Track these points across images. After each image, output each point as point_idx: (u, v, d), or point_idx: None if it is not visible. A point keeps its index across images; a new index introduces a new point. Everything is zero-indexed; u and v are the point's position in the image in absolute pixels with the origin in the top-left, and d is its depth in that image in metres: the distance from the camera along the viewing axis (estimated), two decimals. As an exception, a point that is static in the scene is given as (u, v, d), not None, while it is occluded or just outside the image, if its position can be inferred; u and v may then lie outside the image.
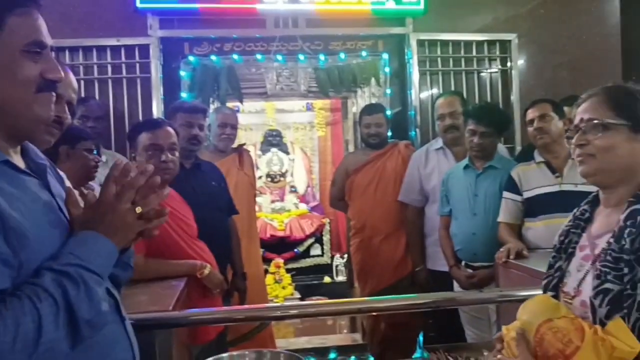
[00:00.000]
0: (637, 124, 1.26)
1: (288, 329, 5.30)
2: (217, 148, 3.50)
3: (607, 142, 1.27)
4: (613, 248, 1.22)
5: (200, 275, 2.41)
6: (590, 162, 1.30)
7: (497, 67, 4.27)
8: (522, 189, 2.88)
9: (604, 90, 1.32)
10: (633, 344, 1.12)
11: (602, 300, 1.19)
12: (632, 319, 1.14)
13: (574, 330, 1.17)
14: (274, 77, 4.08)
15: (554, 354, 1.18)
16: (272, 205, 6.50)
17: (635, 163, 1.28)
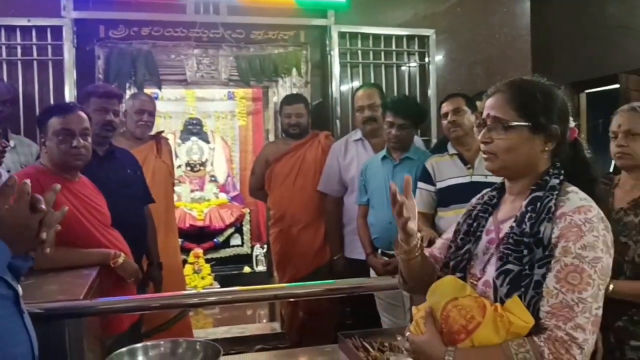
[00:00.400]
0: (536, 125, 1.32)
1: (207, 319, 5.25)
2: (134, 135, 3.41)
3: (509, 143, 1.34)
4: (515, 232, 1.30)
5: (114, 264, 2.35)
6: (493, 160, 1.37)
7: (415, 61, 4.38)
8: (436, 179, 2.98)
9: (510, 87, 1.37)
10: (527, 319, 1.20)
11: (503, 280, 1.27)
12: (528, 297, 1.22)
13: (476, 308, 1.25)
14: (194, 64, 4.00)
15: (457, 329, 1.25)
16: (192, 195, 6.39)
17: (535, 159, 1.35)
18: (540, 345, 1.17)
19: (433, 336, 1.28)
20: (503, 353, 1.19)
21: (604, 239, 1.22)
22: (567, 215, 1.24)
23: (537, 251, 1.24)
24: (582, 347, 1.16)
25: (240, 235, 6.30)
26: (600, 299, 1.20)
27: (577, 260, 1.19)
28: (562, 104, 1.37)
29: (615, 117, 2.08)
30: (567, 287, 1.19)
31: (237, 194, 6.66)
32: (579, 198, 1.28)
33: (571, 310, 1.17)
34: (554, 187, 1.31)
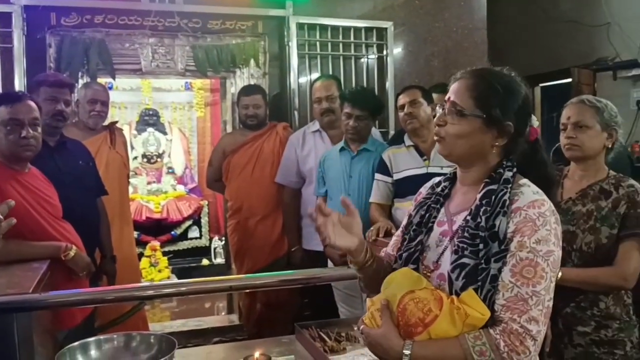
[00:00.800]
0: (490, 118, 1.31)
1: (164, 313, 5.19)
2: (87, 126, 3.33)
3: (459, 129, 1.33)
4: (470, 225, 1.30)
5: (65, 257, 2.30)
6: (443, 144, 1.37)
7: (373, 53, 4.40)
8: (392, 171, 3.01)
9: (474, 75, 1.36)
10: (483, 311, 1.22)
11: (458, 274, 1.27)
12: (485, 291, 1.24)
13: (433, 300, 1.25)
14: (149, 54, 3.91)
15: (414, 322, 1.25)
16: (148, 187, 6.29)
17: (484, 151, 1.35)
18: (496, 338, 1.19)
19: (390, 329, 1.28)
20: (460, 345, 1.21)
21: (555, 232, 1.25)
22: (522, 209, 1.25)
23: (493, 245, 1.25)
24: (535, 338, 1.19)
25: (198, 228, 6.24)
26: (552, 291, 1.24)
27: (531, 254, 1.22)
28: (523, 101, 1.36)
29: (565, 110, 2.13)
30: (522, 281, 1.21)
31: (195, 186, 6.58)
32: (531, 192, 1.29)
33: (525, 303, 1.20)
34: (507, 180, 1.31)
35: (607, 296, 2.00)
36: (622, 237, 1.98)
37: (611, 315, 1.99)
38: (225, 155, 3.76)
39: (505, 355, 1.18)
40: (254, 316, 3.79)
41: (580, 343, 2.00)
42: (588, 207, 2.04)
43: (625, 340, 2.00)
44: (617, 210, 2.00)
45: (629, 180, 2.07)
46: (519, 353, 1.18)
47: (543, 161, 1.41)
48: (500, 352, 1.18)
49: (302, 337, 2.10)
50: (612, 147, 2.11)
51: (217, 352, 2.17)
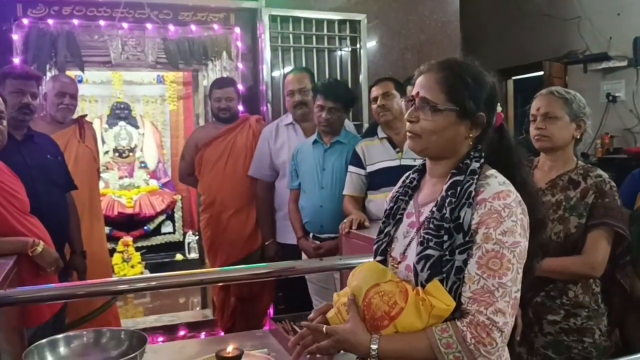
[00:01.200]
0: (463, 110, 1.31)
1: (137, 309, 5.14)
2: (55, 119, 3.27)
3: (434, 125, 1.32)
4: (435, 216, 1.30)
5: (32, 252, 2.25)
6: (416, 141, 1.35)
7: (347, 46, 4.39)
8: (366, 163, 3.01)
9: (442, 68, 1.35)
10: (448, 302, 1.22)
11: (423, 266, 1.27)
12: (450, 282, 1.24)
13: (398, 293, 1.25)
14: (119, 46, 3.85)
15: (380, 315, 1.25)
16: (120, 182, 6.18)
17: (458, 143, 1.34)
18: (463, 330, 1.20)
19: (356, 324, 1.27)
20: (427, 338, 1.21)
21: (522, 223, 1.25)
22: (487, 201, 1.24)
23: (458, 237, 1.25)
24: (502, 330, 1.19)
25: (172, 223, 6.16)
26: (519, 282, 1.24)
27: (497, 246, 1.21)
28: (491, 90, 1.36)
29: (535, 101, 2.15)
30: (488, 273, 1.21)
31: (168, 180, 6.49)
32: (497, 183, 1.28)
33: (492, 295, 1.20)
34: (474, 172, 1.30)
35: (576, 285, 2.03)
36: (590, 227, 2.00)
37: (580, 304, 2.02)
38: (198, 148, 3.72)
39: (472, 347, 1.19)
40: (228, 311, 3.76)
41: (550, 332, 2.03)
42: (557, 197, 2.06)
43: (594, 328, 2.03)
44: (585, 200, 2.03)
45: (597, 170, 2.10)
46: (485, 345, 1.19)
47: (509, 146, 1.40)
48: (467, 344, 1.19)
49: (275, 330, 2.09)
50: (581, 138, 2.13)
51: (190, 347, 2.14)
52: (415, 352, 1.24)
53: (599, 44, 5.75)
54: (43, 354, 1.71)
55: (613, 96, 5.67)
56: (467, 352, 1.19)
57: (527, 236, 1.26)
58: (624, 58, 5.56)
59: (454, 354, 1.20)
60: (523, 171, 1.38)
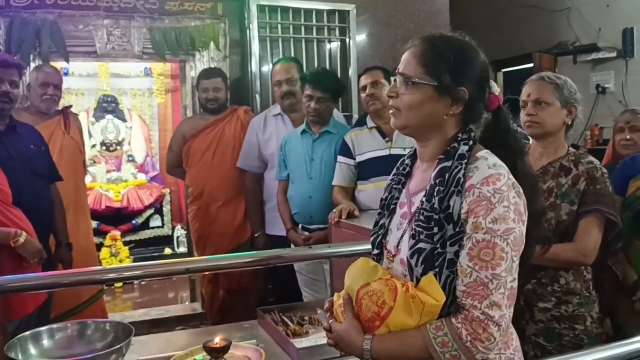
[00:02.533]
0: (441, 86, 1.24)
1: (126, 303, 5.11)
2: (39, 110, 3.22)
3: (412, 100, 1.26)
4: (425, 207, 1.23)
5: (15, 244, 2.22)
6: (397, 116, 1.30)
7: (336, 37, 4.35)
8: (355, 153, 2.98)
9: (424, 42, 1.29)
10: (439, 297, 1.16)
11: (417, 260, 1.21)
12: (444, 277, 1.18)
13: (388, 292, 1.20)
14: (105, 36, 3.78)
15: (371, 317, 1.21)
16: (108, 176, 6.15)
17: (439, 121, 1.27)
18: (458, 327, 1.15)
19: (351, 325, 1.25)
20: (422, 338, 1.17)
21: (516, 207, 1.17)
22: (475, 187, 1.17)
23: (448, 228, 1.18)
24: (499, 324, 1.14)
25: (160, 217, 6.14)
26: (515, 271, 1.18)
27: (488, 235, 1.15)
28: (479, 66, 1.28)
29: (525, 87, 2.12)
30: (481, 265, 1.15)
31: (156, 174, 6.46)
32: (487, 166, 1.20)
33: (486, 288, 1.14)
34: (462, 156, 1.23)
35: (568, 272, 2.01)
36: (581, 214, 1.98)
37: (571, 291, 2.00)
38: (186, 140, 3.68)
39: (469, 344, 1.14)
40: (217, 304, 3.73)
41: (541, 319, 2.01)
42: (549, 184, 2.04)
43: (586, 316, 2.01)
44: (577, 187, 2.01)
45: (588, 157, 2.08)
46: (483, 341, 1.13)
47: (507, 130, 1.32)
48: (464, 341, 1.14)
49: (264, 322, 2.07)
50: (572, 124, 2.11)
51: (178, 339, 2.11)
52: (410, 352, 1.19)
53: (588, 35, 5.75)
54: (26, 347, 1.68)
55: (603, 87, 5.69)
56: (464, 350, 1.14)
57: (524, 220, 1.20)
58: (613, 49, 5.57)
59: (450, 352, 1.15)
60: (522, 159, 1.30)
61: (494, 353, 1.20)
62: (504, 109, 1.32)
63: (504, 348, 1.26)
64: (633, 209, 2.19)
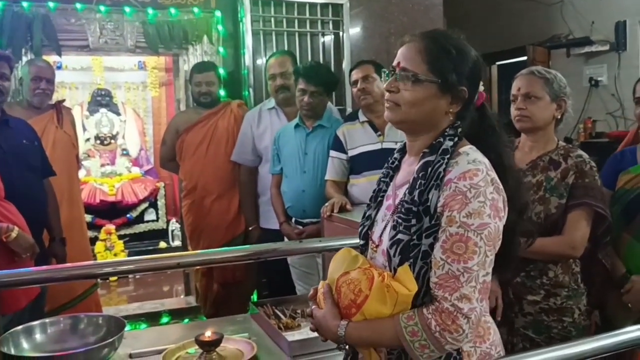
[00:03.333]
0: (445, 83, 1.26)
1: (121, 297, 5.11)
2: (32, 104, 3.22)
3: (415, 96, 1.27)
4: (406, 199, 1.26)
5: (7, 238, 2.21)
6: (395, 111, 1.30)
7: (329, 30, 4.34)
8: (347, 147, 2.99)
9: (425, 37, 1.30)
10: (411, 286, 1.20)
11: (395, 250, 1.24)
12: (417, 268, 1.21)
13: (365, 280, 1.23)
14: (97, 30, 3.77)
15: (348, 304, 1.25)
16: (102, 169, 6.14)
17: (437, 118, 1.29)
18: (428, 318, 1.17)
19: (330, 311, 1.28)
20: (393, 327, 1.20)
21: (493, 203, 1.19)
22: (452, 182, 1.19)
23: (425, 220, 1.21)
24: (468, 316, 1.16)
25: (155, 210, 6.13)
26: (489, 265, 1.20)
27: (461, 229, 1.17)
28: (474, 65, 1.31)
29: (515, 81, 2.13)
30: (453, 258, 1.17)
31: (150, 167, 6.45)
32: (467, 161, 1.22)
33: (457, 280, 1.16)
34: (446, 151, 1.25)
35: (556, 265, 2.03)
36: (570, 207, 2.00)
37: (560, 284, 2.02)
38: (179, 134, 3.67)
39: (437, 334, 1.16)
40: (211, 297, 3.74)
41: (530, 312, 2.03)
42: (538, 177, 2.06)
43: (574, 308, 2.03)
44: (565, 180, 2.02)
45: (577, 150, 2.09)
46: (451, 332, 1.16)
47: (492, 126, 1.34)
48: (432, 331, 1.16)
49: (256, 315, 2.08)
50: (562, 118, 2.12)
51: (170, 332, 2.12)
52: (382, 340, 1.24)
53: (581, 28, 5.76)
54: (18, 341, 1.69)
55: (595, 80, 5.70)
56: (432, 339, 1.17)
57: (501, 216, 1.21)
58: (606, 42, 5.58)
59: (419, 341, 1.17)
60: (506, 154, 1.32)
61: (469, 346, 1.24)
62: (487, 106, 1.36)
63: (479, 342, 1.28)
64: (622, 202, 2.20)
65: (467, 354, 1.26)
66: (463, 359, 1.25)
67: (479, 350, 1.28)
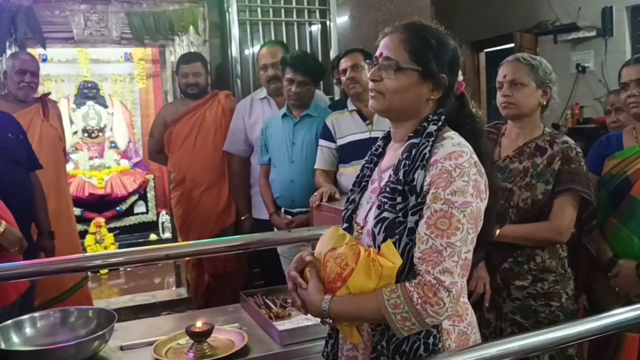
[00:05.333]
0: (427, 71, 1.31)
1: (112, 290, 5.11)
2: (17, 98, 3.20)
3: (398, 84, 1.32)
4: (392, 180, 1.31)
5: (-6, 233, 2.20)
6: (379, 100, 1.35)
7: (316, 19, 4.33)
8: (336, 136, 2.99)
9: (406, 29, 1.35)
10: (395, 260, 1.24)
11: (380, 228, 1.28)
12: (403, 244, 1.25)
13: (351, 255, 1.27)
14: (82, 21, 3.74)
15: (334, 277, 1.28)
16: (90, 162, 6.11)
17: (419, 105, 1.35)
18: (411, 290, 1.21)
19: (314, 286, 1.31)
20: (376, 299, 1.23)
21: (475, 184, 1.24)
22: (438, 162, 1.25)
23: (411, 199, 1.26)
24: (449, 289, 1.20)
25: (144, 203, 6.12)
26: (471, 243, 1.25)
27: (446, 206, 1.22)
28: (453, 54, 1.36)
29: (501, 68, 2.14)
30: (437, 233, 1.22)
31: (139, 160, 6.43)
32: (452, 144, 1.28)
33: (440, 255, 1.21)
34: (430, 134, 1.30)
35: (543, 250, 2.04)
36: (556, 193, 2.02)
37: (547, 269, 2.04)
38: (167, 125, 3.66)
39: (419, 307, 1.20)
40: (202, 288, 3.75)
41: (517, 297, 2.05)
42: (524, 164, 2.07)
43: (561, 292, 2.05)
44: (551, 166, 2.03)
45: (563, 136, 2.11)
46: (432, 305, 1.20)
47: (470, 114, 1.41)
48: (414, 303, 1.20)
49: (247, 305, 2.09)
50: (548, 105, 2.13)
51: (161, 323, 2.12)
52: (365, 313, 1.26)
53: (568, 14, 5.77)
54: (8, 335, 1.69)
55: (582, 66, 5.72)
56: (414, 312, 1.20)
57: (482, 197, 1.27)
58: (592, 28, 5.59)
59: (401, 314, 1.21)
60: (483, 141, 1.39)
61: (448, 324, 1.29)
62: (465, 95, 1.42)
63: (458, 320, 1.33)
64: (608, 187, 2.22)
65: (446, 332, 1.30)
66: (442, 336, 1.29)
67: (457, 329, 1.33)
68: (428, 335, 1.27)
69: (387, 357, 1.28)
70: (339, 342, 1.43)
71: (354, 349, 1.38)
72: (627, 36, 5.47)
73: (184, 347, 1.72)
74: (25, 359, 1.58)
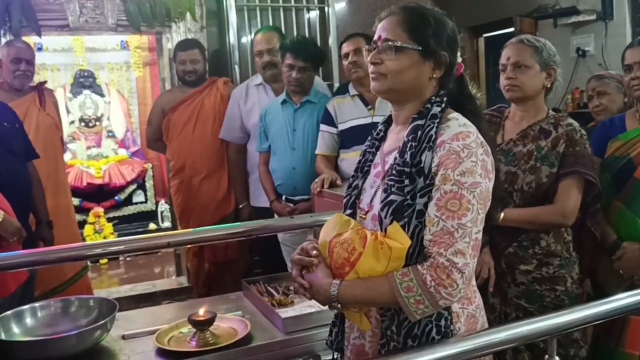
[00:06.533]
0: (427, 50, 1.31)
1: (112, 279, 5.10)
2: (12, 87, 3.18)
3: (399, 64, 1.31)
4: (398, 162, 1.29)
5: (-8, 223, 2.18)
6: (381, 81, 1.34)
7: (314, 5, 4.28)
8: (337, 121, 2.96)
9: (403, 10, 1.35)
10: (404, 241, 1.22)
11: (387, 212, 1.27)
12: (412, 227, 1.24)
13: (358, 239, 1.25)
14: (77, 9, 3.69)
15: (341, 263, 1.26)
16: (88, 152, 6.08)
17: (422, 84, 1.34)
18: (423, 273, 1.20)
19: (321, 271, 1.29)
20: (388, 283, 1.21)
21: (483, 164, 1.24)
22: (446, 143, 1.24)
23: (419, 181, 1.25)
24: (462, 271, 1.20)
25: (143, 192, 6.10)
26: (480, 223, 1.24)
27: (455, 186, 1.21)
28: (452, 31, 1.36)
29: (504, 50, 2.11)
30: (447, 214, 1.21)
31: (137, 149, 6.41)
32: (458, 125, 1.27)
33: (451, 236, 1.20)
34: (435, 115, 1.30)
35: (548, 234, 2.02)
36: (561, 176, 1.99)
37: (552, 253, 2.02)
38: (165, 113, 3.63)
39: (432, 289, 1.19)
40: (203, 276, 3.73)
41: (522, 281, 2.03)
42: (528, 147, 2.04)
43: (566, 277, 2.03)
44: (556, 149, 2.01)
45: (567, 119, 2.08)
46: (446, 287, 1.19)
47: (470, 95, 1.41)
48: (427, 286, 1.19)
49: (249, 293, 2.07)
50: (552, 87, 2.10)
51: (163, 312, 2.10)
52: (377, 297, 1.25)
53: (568, -3, 5.72)
54: (8, 326, 1.67)
55: (583, 50, 5.67)
56: (427, 294, 1.19)
57: (490, 177, 1.27)
58: (592, 12, 5.53)
59: (414, 297, 1.20)
60: (483, 122, 1.38)
61: (458, 307, 1.29)
62: (464, 76, 1.42)
63: (467, 303, 1.33)
64: (612, 170, 2.20)
65: (456, 315, 1.29)
66: (453, 319, 1.28)
67: (466, 312, 1.32)
68: (440, 318, 1.26)
69: (397, 342, 1.27)
70: (344, 331, 1.42)
71: (361, 337, 1.36)
72: (627, 20, 5.42)
73: (186, 336, 1.70)
74: (26, 350, 1.55)
